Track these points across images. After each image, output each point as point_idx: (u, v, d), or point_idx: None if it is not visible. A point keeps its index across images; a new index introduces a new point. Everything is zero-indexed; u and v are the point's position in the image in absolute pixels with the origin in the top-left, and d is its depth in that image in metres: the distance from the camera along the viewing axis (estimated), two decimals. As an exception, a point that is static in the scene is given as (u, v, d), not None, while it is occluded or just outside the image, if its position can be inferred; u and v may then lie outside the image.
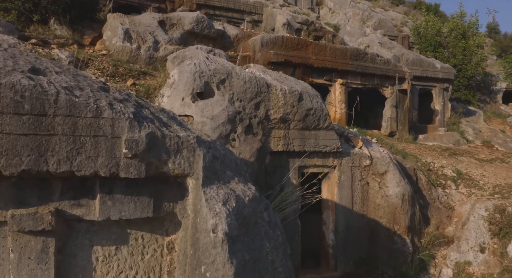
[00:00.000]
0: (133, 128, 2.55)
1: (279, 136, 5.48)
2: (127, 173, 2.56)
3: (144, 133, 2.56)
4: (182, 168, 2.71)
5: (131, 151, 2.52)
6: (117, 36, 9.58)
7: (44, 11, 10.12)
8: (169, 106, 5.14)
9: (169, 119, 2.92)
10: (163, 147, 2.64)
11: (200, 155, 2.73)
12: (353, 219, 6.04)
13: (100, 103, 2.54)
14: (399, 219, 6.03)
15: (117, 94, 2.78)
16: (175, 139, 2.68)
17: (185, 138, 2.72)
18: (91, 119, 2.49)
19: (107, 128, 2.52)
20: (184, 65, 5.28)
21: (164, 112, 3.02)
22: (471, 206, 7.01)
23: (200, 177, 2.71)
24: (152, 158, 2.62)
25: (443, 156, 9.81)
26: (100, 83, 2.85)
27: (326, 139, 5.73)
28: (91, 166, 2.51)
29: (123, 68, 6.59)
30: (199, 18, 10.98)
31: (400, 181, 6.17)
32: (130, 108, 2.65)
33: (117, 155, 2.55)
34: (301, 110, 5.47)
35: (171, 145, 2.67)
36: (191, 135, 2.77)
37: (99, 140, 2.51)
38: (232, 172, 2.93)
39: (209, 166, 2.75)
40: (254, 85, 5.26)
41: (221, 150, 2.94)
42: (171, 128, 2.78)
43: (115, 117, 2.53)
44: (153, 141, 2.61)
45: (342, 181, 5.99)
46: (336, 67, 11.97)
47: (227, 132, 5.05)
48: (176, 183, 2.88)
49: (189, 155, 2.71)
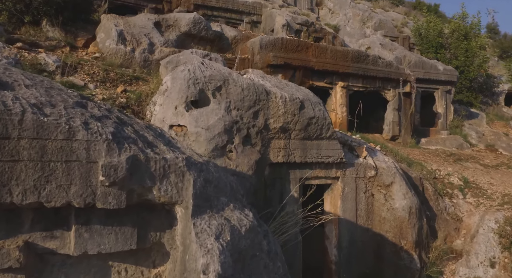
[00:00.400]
0: (111, 152, 2.21)
1: (279, 146, 5.14)
2: (104, 203, 2.22)
3: (125, 157, 2.22)
4: (169, 196, 2.37)
5: (109, 179, 2.18)
6: (111, 38, 9.24)
7: (36, 12, 9.79)
8: (162, 115, 4.80)
9: (156, 137, 2.57)
10: (147, 172, 2.30)
11: (190, 180, 2.39)
12: (358, 233, 5.71)
13: (74, 122, 2.20)
14: (406, 234, 5.70)
15: (95, 110, 2.44)
16: (161, 162, 2.35)
17: (172, 161, 2.38)
18: (63, 141, 2.15)
19: (81, 152, 2.18)
20: (177, 71, 4.94)
21: (150, 129, 2.68)
22: (480, 218, 6.68)
23: (189, 206, 2.37)
24: (134, 185, 2.29)
25: (448, 163, 9.49)
26: (77, 97, 2.51)
27: (329, 150, 5.40)
28: (63, 196, 2.17)
29: (114, 73, 6.24)
30: (196, 20, 10.64)
31: (407, 192, 5.83)
32: (109, 127, 2.31)
33: (93, 182, 2.21)
34: (302, 119, 5.13)
35: (156, 170, 2.33)
36: (180, 156, 2.43)
37: (72, 166, 2.17)
38: (227, 197, 2.59)
39: (200, 192, 2.42)
40: (252, 93, 4.92)
41: (215, 173, 2.60)
42: (157, 149, 2.44)
43: (91, 138, 2.19)
44: (135, 166, 2.27)
45: (345, 193, 5.65)
46: (337, 69, 11.64)
47: (224, 143, 4.71)
48: (164, 210, 2.55)
49: (177, 181, 2.38)
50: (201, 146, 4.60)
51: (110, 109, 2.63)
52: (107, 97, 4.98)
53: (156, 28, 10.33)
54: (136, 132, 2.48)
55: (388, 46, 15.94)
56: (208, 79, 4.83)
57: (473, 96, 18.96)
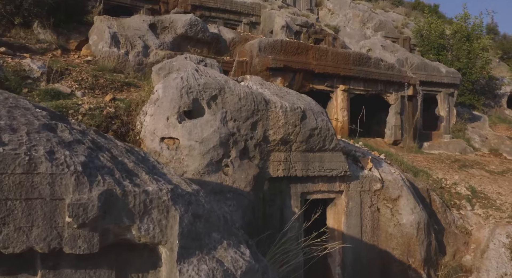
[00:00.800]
0: (81, 186, 1.86)
1: (279, 159, 4.79)
2: (73, 247, 1.87)
3: (97, 193, 1.87)
4: (151, 235, 2.02)
5: (77, 220, 1.83)
6: (104, 41, 8.89)
7: (26, 14, 9.42)
8: (152, 127, 4.45)
9: (137, 163, 2.22)
10: (124, 209, 1.95)
11: (176, 216, 2.04)
12: (362, 250, 5.36)
13: (36, 152, 1.85)
14: (414, 251, 5.36)
15: (65, 134, 2.09)
16: (142, 196, 1.99)
17: (155, 194, 2.03)
18: (22, 176, 1.79)
19: (45, 187, 1.82)
20: (169, 79, 4.58)
21: (131, 153, 2.32)
22: (490, 232, 6.34)
23: (175, 248, 2.02)
24: (109, 225, 1.93)
25: (454, 170, 9.15)
26: (45, 118, 2.16)
27: (332, 162, 5.05)
28: (23, 240, 1.81)
29: (104, 79, 5.88)
30: (193, 21, 10.28)
31: (415, 207, 5.49)
32: (79, 156, 1.95)
33: (60, 224, 1.85)
34: (304, 130, 4.78)
35: (135, 206, 1.98)
36: (164, 188, 2.07)
37: (34, 204, 1.81)
38: (220, 232, 2.24)
39: (188, 230, 2.06)
40: (250, 102, 4.57)
41: (206, 204, 2.25)
42: (138, 179, 2.09)
43: (56, 171, 1.83)
44: (110, 202, 1.92)
45: (350, 208, 5.30)
46: (338, 72, 11.29)
47: (219, 158, 4.35)
48: (147, 248, 2.19)
49: (160, 217, 2.02)
50: (194, 160, 4.24)
51: (84, 131, 2.28)
52: (94, 106, 4.62)
53: (151, 30, 9.97)
54: (113, 159, 2.13)
55: (389, 48, 15.59)
56: (203, 87, 4.47)
57: (475, 98, 18.65)
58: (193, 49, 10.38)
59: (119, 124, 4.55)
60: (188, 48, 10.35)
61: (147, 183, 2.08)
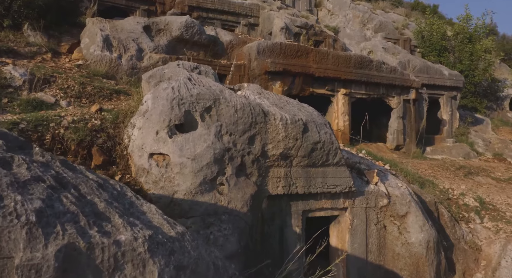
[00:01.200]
0: (34, 241, 1.49)
1: (279, 176, 4.43)
2: (24, 317, 1.50)
3: (54, 249, 1.50)
4: (124, 296, 1.65)
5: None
6: (96, 44, 8.51)
7: (16, 16, 9.06)
8: (140, 141, 4.08)
9: (110, 202, 1.85)
10: (89, 266, 1.59)
11: (154, 272, 1.67)
12: (368, 271, 5.00)
13: (-22, 198, 1.48)
14: (423, 272, 5.00)
15: (22, 170, 1.72)
16: (112, 249, 1.63)
17: (128, 245, 1.66)
18: (-43, 230, 1.43)
19: (-13, 244, 1.46)
20: (159, 89, 4.21)
21: (105, 189, 1.95)
22: (501, 247, 5.99)
23: (153, 312, 1.65)
24: (70, 287, 1.57)
25: (459, 178, 8.80)
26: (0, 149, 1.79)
27: (336, 177, 4.69)
28: (-41, 310, 1.44)
29: (92, 87, 5.50)
30: (189, 23, 9.90)
31: (424, 224, 5.13)
32: (34, 200, 1.58)
33: (6, 288, 1.49)
34: (306, 144, 4.41)
35: (103, 261, 1.61)
36: (141, 236, 1.71)
37: (-28, 265, 1.45)
38: (210, 284, 1.88)
39: (169, 288, 1.70)
40: (247, 114, 4.21)
41: (192, 251, 1.88)
42: (109, 225, 1.72)
43: (3, 224, 1.47)
44: (72, 259, 1.55)
45: (354, 225, 4.94)
46: (339, 76, 10.94)
47: (213, 175, 3.99)
48: (121, 304, 1.82)
49: (135, 274, 1.66)
50: (186, 179, 3.88)
51: (48, 163, 1.91)
52: (78, 118, 4.25)
53: (145, 32, 9.59)
54: (79, 200, 1.76)
55: (391, 50, 15.24)
56: (196, 98, 4.11)
57: (478, 101, 18.34)
58: (189, 52, 10.01)
59: (104, 137, 4.18)
60: (184, 51, 9.98)
61: (119, 229, 1.72)
